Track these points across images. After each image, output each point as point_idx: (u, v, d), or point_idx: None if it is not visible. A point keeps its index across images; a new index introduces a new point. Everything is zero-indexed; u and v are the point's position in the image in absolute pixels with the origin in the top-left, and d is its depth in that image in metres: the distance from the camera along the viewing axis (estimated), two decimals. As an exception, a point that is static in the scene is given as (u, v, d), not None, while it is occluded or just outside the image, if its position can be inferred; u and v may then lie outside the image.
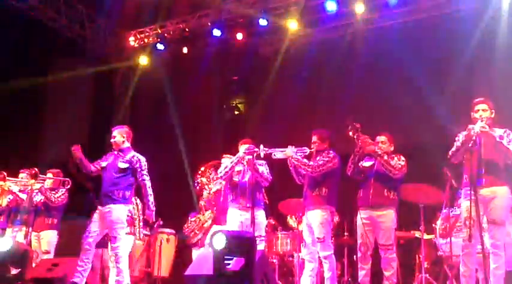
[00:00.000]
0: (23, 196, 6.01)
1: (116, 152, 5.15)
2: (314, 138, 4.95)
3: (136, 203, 6.36)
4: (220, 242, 3.81)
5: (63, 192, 6.03)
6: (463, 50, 6.89)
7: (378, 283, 4.87)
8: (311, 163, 4.80)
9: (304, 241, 4.91)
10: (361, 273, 4.59)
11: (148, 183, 5.08)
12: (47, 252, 6.02)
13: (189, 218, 6.42)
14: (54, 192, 6.05)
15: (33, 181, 5.57)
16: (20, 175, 6.20)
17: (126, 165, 5.05)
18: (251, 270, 3.78)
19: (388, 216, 4.59)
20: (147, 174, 5.10)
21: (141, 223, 6.46)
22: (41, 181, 5.83)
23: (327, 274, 4.73)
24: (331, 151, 4.88)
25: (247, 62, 8.74)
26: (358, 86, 7.71)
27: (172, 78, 9.14)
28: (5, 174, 5.88)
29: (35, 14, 8.43)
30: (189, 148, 8.35)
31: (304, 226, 4.92)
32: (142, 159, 5.14)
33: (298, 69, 8.14)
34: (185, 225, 6.35)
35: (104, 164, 5.11)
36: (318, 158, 4.84)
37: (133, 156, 5.12)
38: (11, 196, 6.09)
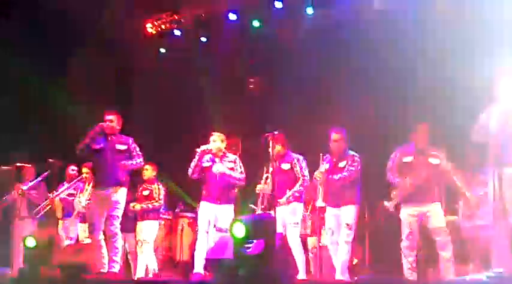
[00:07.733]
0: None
1: (109, 136, 5.27)
2: (337, 136, 5.11)
3: (159, 188, 6.41)
4: (240, 231, 3.84)
5: None
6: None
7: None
8: (344, 174, 5.00)
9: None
10: (410, 260, 4.72)
11: (141, 163, 5.37)
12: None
13: None
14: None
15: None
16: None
17: (124, 147, 5.25)
18: (271, 254, 3.80)
19: (436, 209, 4.80)
20: (140, 153, 5.35)
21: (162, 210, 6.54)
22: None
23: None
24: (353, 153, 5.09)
25: (264, 46, 8.66)
26: (376, 69, 7.55)
27: (190, 64, 9.14)
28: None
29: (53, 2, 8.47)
30: (206, 133, 8.36)
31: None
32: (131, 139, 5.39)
33: (315, 52, 8.03)
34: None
35: (97, 147, 5.22)
36: (343, 164, 5.06)
37: (127, 138, 5.34)
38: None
